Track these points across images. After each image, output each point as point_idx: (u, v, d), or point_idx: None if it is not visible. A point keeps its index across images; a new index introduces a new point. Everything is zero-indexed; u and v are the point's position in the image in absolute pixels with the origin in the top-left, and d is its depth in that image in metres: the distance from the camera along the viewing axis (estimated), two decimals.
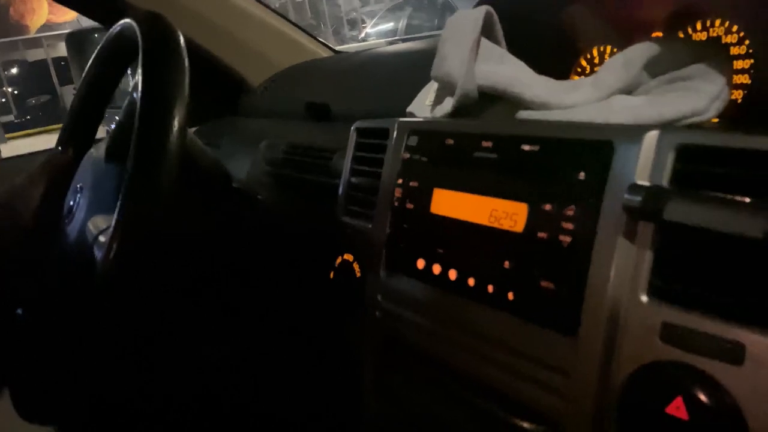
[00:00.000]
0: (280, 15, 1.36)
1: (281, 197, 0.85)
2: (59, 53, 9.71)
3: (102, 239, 0.62)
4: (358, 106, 1.03)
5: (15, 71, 10.29)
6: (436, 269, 0.57)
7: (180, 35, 0.72)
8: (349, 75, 1.13)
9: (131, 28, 0.75)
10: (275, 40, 1.34)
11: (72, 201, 0.76)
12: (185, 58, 0.68)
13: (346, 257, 0.70)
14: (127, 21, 0.75)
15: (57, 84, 9.31)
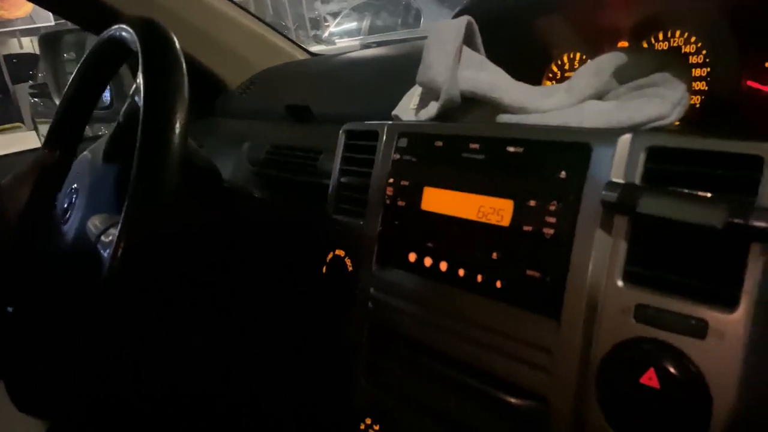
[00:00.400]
0: (256, 18, 1.39)
1: (268, 196, 0.88)
2: (10, 50, 9.44)
3: (106, 239, 0.64)
4: (338, 108, 1.06)
5: None
6: (427, 262, 0.62)
7: (176, 40, 0.74)
8: (328, 78, 1.17)
9: (124, 33, 0.77)
10: (252, 42, 1.36)
11: (67, 202, 0.78)
12: (183, 62, 0.71)
13: (337, 253, 0.74)
14: (121, 26, 0.77)
15: (9, 82, 9.04)
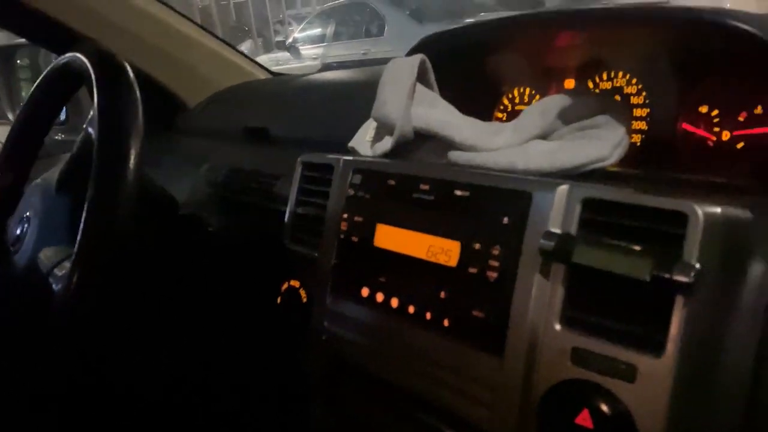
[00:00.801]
0: (216, 37, 1.39)
1: (226, 221, 0.89)
2: None
3: (59, 272, 0.64)
4: (296, 131, 1.08)
5: None
6: (379, 297, 0.64)
7: (129, 70, 0.75)
8: (288, 100, 1.18)
9: (78, 61, 0.77)
10: (212, 61, 1.36)
11: (19, 230, 0.77)
12: (138, 93, 0.71)
13: (292, 283, 0.75)
14: (76, 54, 0.77)
15: None
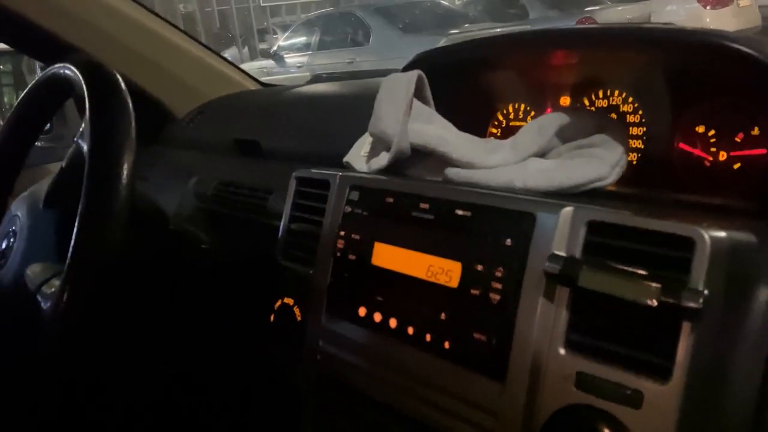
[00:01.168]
0: (206, 46, 1.37)
1: (217, 236, 0.87)
2: None
3: (47, 290, 0.62)
4: (288, 144, 1.07)
5: None
6: (377, 317, 0.62)
7: (122, 83, 0.73)
8: (278, 112, 1.17)
9: (68, 72, 0.75)
10: (201, 70, 1.35)
11: (4, 245, 0.75)
12: (131, 106, 0.70)
13: (286, 301, 0.74)
14: (66, 65, 0.75)
15: None
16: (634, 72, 0.73)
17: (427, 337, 0.58)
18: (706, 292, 0.43)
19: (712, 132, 0.68)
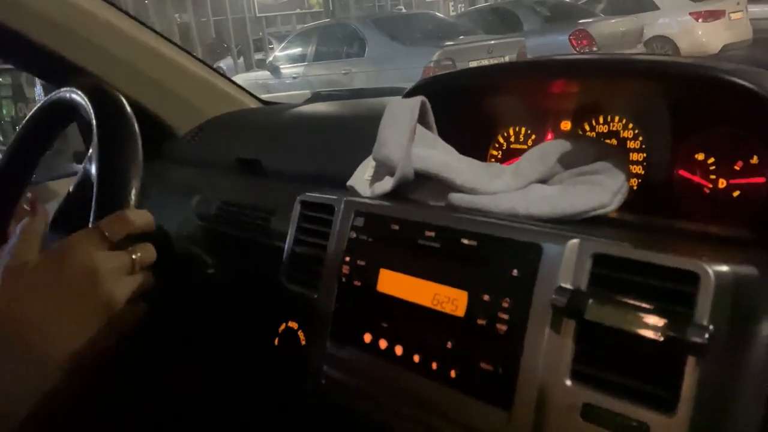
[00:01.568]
0: (206, 64, 1.38)
1: (220, 258, 0.88)
2: None
3: None
4: (290, 164, 1.07)
5: None
6: (382, 344, 0.63)
7: (127, 107, 0.74)
8: (281, 131, 1.18)
9: (75, 96, 0.76)
10: (201, 88, 1.35)
11: None
12: (137, 131, 0.71)
13: (290, 325, 0.74)
14: (73, 90, 0.76)
15: None
16: (633, 100, 0.74)
17: (433, 365, 0.58)
18: (711, 327, 0.43)
19: (711, 159, 0.69)
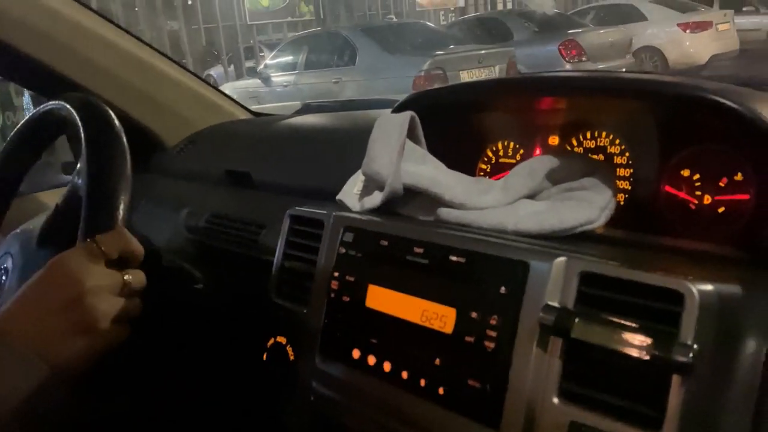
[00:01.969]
0: (195, 75, 1.38)
1: (209, 272, 0.87)
2: None
3: None
4: (280, 177, 1.07)
5: None
6: (371, 360, 0.63)
7: (116, 121, 0.74)
8: (271, 143, 1.18)
9: (63, 111, 0.76)
10: (191, 99, 1.35)
11: None
12: (126, 145, 0.71)
13: (279, 340, 0.74)
14: (61, 103, 0.76)
15: None
16: (620, 116, 0.75)
17: (422, 382, 0.58)
18: (695, 346, 0.44)
19: (697, 176, 0.69)
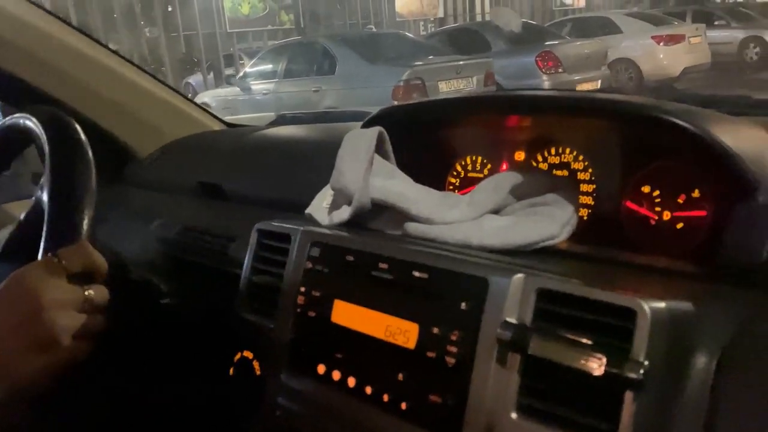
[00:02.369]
0: (169, 87, 1.38)
1: (178, 285, 0.87)
2: None
3: None
4: (252, 188, 1.08)
5: None
6: (336, 375, 0.63)
7: (81, 134, 0.73)
8: (243, 154, 1.18)
9: (29, 123, 0.75)
10: (164, 110, 1.35)
11: None
12: (91, 158, 0.70)
13: (245, 354, 0.74)
14: (26, 116, 0.75)
15: None
16: (584, 134, 0.77)
17: (385, 397, 0.59)
18: (646, 363, 0.45)
19: (657, 192, 0.71)
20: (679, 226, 0.69)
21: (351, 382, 0.62)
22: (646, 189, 0.72)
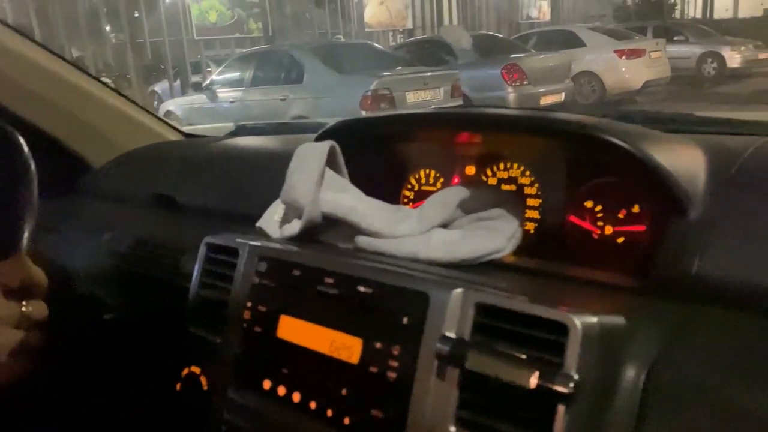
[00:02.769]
0: (124, 96, 1.36)
1: (127, 299, 0.86)
2: None
3: None
4: (207, 200, 1.07)
5: None
6: (281, 390, 0.63)
7: (24, 146, 0.72)
8: (200, 165, 1.17)
9: None
10: (119, 120, 1.33)
11: None
12: (34, 172, 0.69)
13: (193, 369, 0.73)
14: None
15: None
16: (530, 150, 0.78)
17: (329, 412, 0.59)
18: (576, 377, 0.46)
19: (599, 207, 0.73)
20: (620, 240, 0.71)
21: (296, 397, 0.62)
22: (589, 204, 0.74)
